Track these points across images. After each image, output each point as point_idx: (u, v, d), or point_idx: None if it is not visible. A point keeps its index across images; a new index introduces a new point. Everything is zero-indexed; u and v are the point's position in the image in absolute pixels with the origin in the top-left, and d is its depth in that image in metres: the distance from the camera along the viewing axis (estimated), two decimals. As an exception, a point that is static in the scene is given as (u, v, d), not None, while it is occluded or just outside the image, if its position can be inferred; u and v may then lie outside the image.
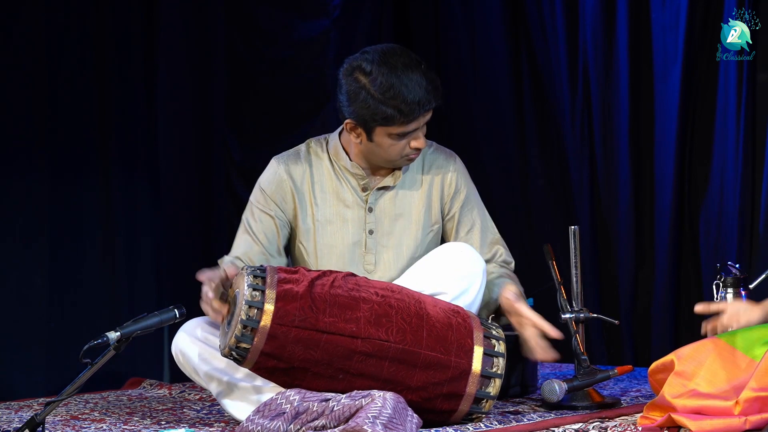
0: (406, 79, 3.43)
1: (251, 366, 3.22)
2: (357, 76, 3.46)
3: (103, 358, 3.10)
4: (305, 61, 5.05)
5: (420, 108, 3.44)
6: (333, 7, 5.08)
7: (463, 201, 3.69)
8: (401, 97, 3.41)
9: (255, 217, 3.62)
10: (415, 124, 3.47)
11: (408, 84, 3.42)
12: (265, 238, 3.60)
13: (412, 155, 3.55)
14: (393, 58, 3.46)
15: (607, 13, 4.76)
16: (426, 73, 3.46)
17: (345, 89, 3.48)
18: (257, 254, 3.57)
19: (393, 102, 3.42)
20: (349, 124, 3.51)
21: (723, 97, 4.51)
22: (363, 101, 3.44)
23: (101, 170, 4.61)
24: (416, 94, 3.42)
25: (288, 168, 3.63)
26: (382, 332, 3.22)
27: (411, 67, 3.45)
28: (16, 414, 3.77)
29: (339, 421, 3.05)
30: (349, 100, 3.47)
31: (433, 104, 3.47)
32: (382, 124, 3.45)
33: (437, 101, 3.48)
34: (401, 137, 3.49)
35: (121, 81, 4.64)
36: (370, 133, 3.49)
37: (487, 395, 3.30)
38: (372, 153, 3.55)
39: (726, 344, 3.08)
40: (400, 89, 3.42)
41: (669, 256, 4.66)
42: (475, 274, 3.48)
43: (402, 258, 3.62)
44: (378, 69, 3.44)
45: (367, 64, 3.45)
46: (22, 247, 4.42)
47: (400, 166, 3.60)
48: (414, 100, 3.42)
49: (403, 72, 3.43)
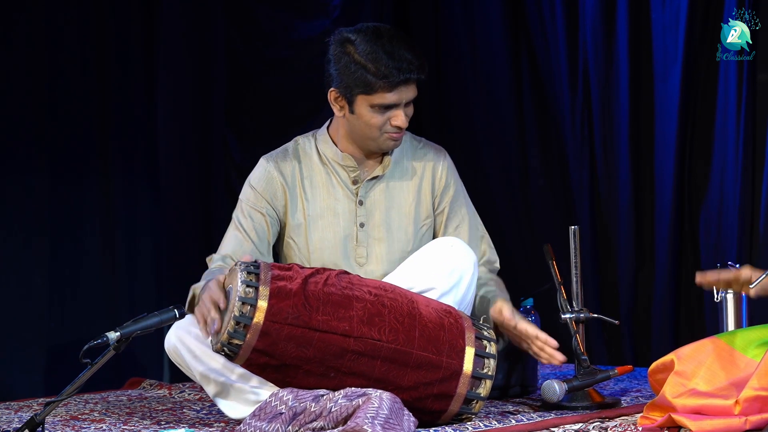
0: (390, 47, 3.45)
1: (243, 362, 3.22)
2: (344, 43, 3.50)
3: (103, 358, 3.10)
4: (305, 61, 5.04)
5: (400, 73, 3.44)
6: (333, 7, 5.09)
7: (453, 196, 3.70)
8: (383, 62, 3.43)
9: (245, 214, 3.62)
10: (395, 95, 3.48)
11: (391, 51, 3.45)
12: (255, 235, 3.60)
13: (394, 134, 3.54)
14: (381, 30, 3.51)
15: (607, 13, 4.76)
16: (412, 47, 3.49)
17: (331, 56, 3.52)
18: (247, 251, 3.57)
19: (374, 66, 3.44)
20: (332, 93, 3.53)
21: (723, 97, 4.51)
22: (345, 66, 3.47)
23: (101, 170, 4.61)
24: (398, 59, 3.44)
25: (277, 165, 3.64)
26: (375, 331, 3.22)
27: (397, 38, 3.48)
28: (16, 414, 3.77)
29: (337, 422, 3.05)
30: (333, 68, 3.50)
31: (414, 75, 3.47)
32: (363, 92, 3.46)
33: (421, 74, 3.48)
34: (382, 110, 3.49)
35: (121, 81, 4.64)
36: (351, 103, 3.50)
37: (478, 396, 3.30)
38: (355, 130, 3.55)
39: (725, 344, 3.08)
40: (381, 55, 3.44)
41: (669, 256, 4.66)
42: (466, 269, 3.49)
43: (394, 251, 3.63)
44: (363, 37, 3.48)
45: (353, 33, 3.50)
46: (22, 247, 4.42)
47: (384, 149, 3.59)
48: (396, 66, 3.43)
49: (388, 41, 3.46)
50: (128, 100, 4.67)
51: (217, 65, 4.95)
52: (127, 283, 4.65)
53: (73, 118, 4.53)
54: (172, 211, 4.80)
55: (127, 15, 4.66)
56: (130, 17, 4.68)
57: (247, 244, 3.59)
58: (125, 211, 4.65)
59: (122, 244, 4.63)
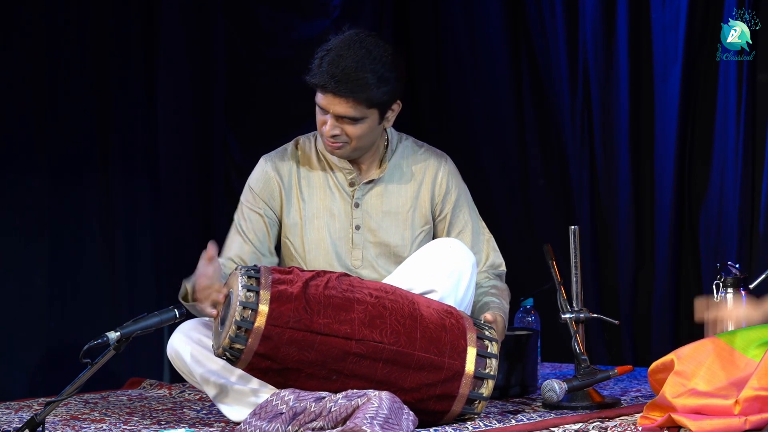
0: (347, 53, 3.44)
1: (244, 366, 3.22)
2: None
3: (103, 358, 3.10)
4: (305, 61, 5.03)
5: (330, 79, 3.43)
6: (333, 7, 5.08)
7: (455, 202, 3.69)
8: (327, 60, 3.44)
9: (245, 216, 3.63)
10: (323, 99, 3.48)
11: (345, 56, 3.44)
12: (255, 237, 3.60)
13: (327, 141, 3.53)
14: (358, 36, 3.48)
15: (607, 13, 4.76)
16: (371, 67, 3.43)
17: None
18: (248, 254, 3.58)
19: (321, 60, 3.46)
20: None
21: (723, 97, 4.51)
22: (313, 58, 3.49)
23: (101, 170, 4.61)
24: (340, 69, 3.42)
25: (275, 165, 3.64)
26: (376, 334, 3.22)
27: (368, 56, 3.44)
28: (16, 414, 3.77)
29: (336, 422, 3.05)
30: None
31: (344, 91, 3.43)
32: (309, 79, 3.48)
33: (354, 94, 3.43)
34: (320, 110, 3.50)
35: (121, 81, 4.64)
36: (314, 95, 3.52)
37: (480, 396, 3.30)
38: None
39: (725, 344, 3.08)
40: (334, 56, 3.44)
41: (669, 256, 4.66)
42: (464, 269, 3.48)
43: (389, 255, 3.63)
44: (346, 37, 3.49)
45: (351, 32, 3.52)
46: (22, 247, 4.42)
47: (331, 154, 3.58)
48: (332, 71, 3.43)
49: (351, 46, 3.45)
50: (128, 100, 4.67)
51: (217, 65, 4.95)
52: (127, 283, 4.65)
53: (73, 117, 4.53)
54: (172, 211, 4.80)
55: (127, 15, 4.66)
56: (130, 17, 4.68)
57: (247, 246, 3.59)
58: (125, 211, 4.65)
59: (122, 244, 4.63)
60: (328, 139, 3.52)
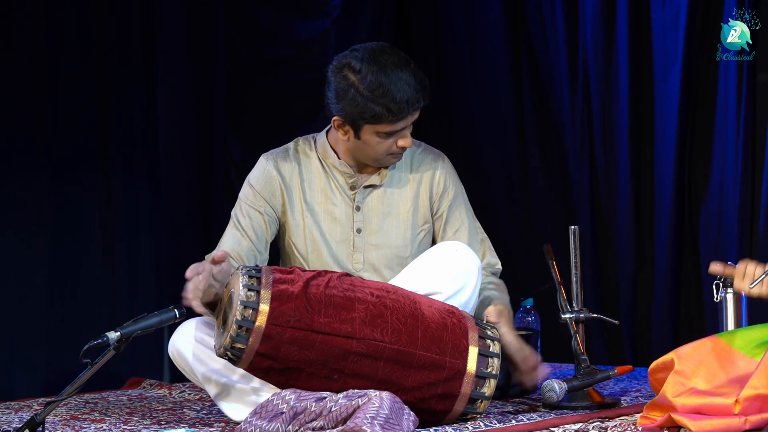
0: (395, 78, 3.43)
1: (246, 366, 3.22)
2: (346, 73, 3.47)
3: (103, 358, 3.10)
4: (305, 61, 5.05)
5: (409, 107, 3.45)
6: (333, 7, 5.08)
7: (452, 201, 3.70)
8: (390, 96, 3.42)
9: (244, 213, 3.63)
10: (402, 123, 3.48)
11: (397, 83, 3.43)
12: (253, 233, 3.61)
13: (398, 154, 3.56)
14: (382, 57, 3.46)
15: (607, 13, 4.76)
16: (415, 72, 3.47)
17: (333, 86, 3.49)
18: (245, 249, 3.58)
19: (382, 100, 3.42)
20: (336, 121, 3.52)
21: (723, 97, 4.51)
22: (352, 99, 3.45)
23: (101, 170, 4.61)
24: (405, 92, 3.43)
25: (277, 164, 3.64)
26: (377, 333, 3.22)
27: (400, 66, 3.46)
28: (16, 414, 3.77)
29: (337, 422, 3.05)
30: (338, 98, 3.47)
31: (421, 103, 3.49)
32: (370, 122, 3.46)
33: (425, 100, 3.50)
34: (389, 136, 3.50)
35: (121, 81, 4.64)
36: (357, 131, 3.50)
37: (482, 395, 3.30)
38: (359, 150, 3.56)
39: (725, 344, 3.08)
40: (389, 87, 3.42)
41: (669, 256, 4.66)
42: (470, 273, 3.49)
43: (390, 257, 3.63)
44: (367, 67, 3.44)
45: (356, 62, 3.46)
46: (22, 246, 4.42)
47: (385, 165, 3.61)
48: (403, 99, 3.43)
49: (392, 70, 3.44)
50: (128, 100, 4.67)
51: (217, 65, 4.95)
52: (127, 283, 4.65)
53: (73, 117, 4.53)
54: (172, 211, 4.80)
55: (127, 15, 4.66)
56: (131, 17, 4.68)
57: (245, 242, 3.59)
58: (125, 211, 4.65)
59: (122, 244, 4.63)
60: (401, 151, 3.55)
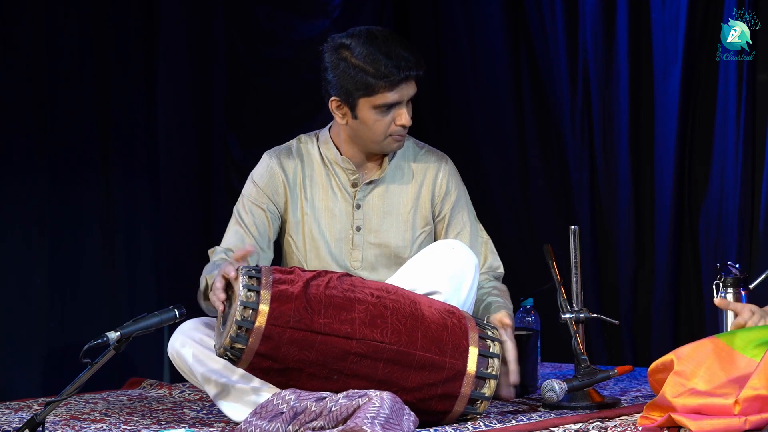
0: (386, 47, 3.47)
1: (246, 366, 3.22)
2: (339, 50, 3.51)
3: (103, 358, 3.10)
4: (305, 62, 5.04)
5: (399, 71, 3.46)
6: (333, 7, 5.09)
7: (454, 203, 3.70)
8: (381, 61, 3.45)
9: (247, 209, 3.63)
10: (396, 93, 3.49)
11: (387, 51, 3.46)
12: (256, 230, 3.61)
13: (398, 135, 3.55)
14: (374, 32, 3.52)
15: (607, 13, 4.76)
16: (408, 46, 3.51)
17: (327, 64, 3.53)
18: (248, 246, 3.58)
19: (373, 66, 3.45)
20: (334, 102, 3.54)
21: (723, 97, 4.51)
22: (344, 71, 3.47)
23: (101, 170, 4.61)
24: (397, 58, 3.46)
25: (280, 161, 3.65)
26: (377, 333, 3.22)
27: (391, 38, 3.50)
28: (16, 414, 3.77)
29: (337, 422, 3.05)
30: (331, 73, 3.50)
31: (413, 71, 3.49)
32: (365, 94, 3.47)
33: (419, 70, 3.50)
34: (385, 111, 3.49)
35: (121, 81, 4.65)
36: (354, 108, 3.50)
37: (482, 396, 3.30)
38: (358, 135, 3.56)
39: (725, 344, 3.08)
40: (378, 55, 3.45)
41: (669, 256, 4.66)
42: (467, 271, 3.48)
43: (389, 256, 3.64)
44: (358, 40, 3.49)
45: (348, 38, 3.51)
46: (22, 246, 4.42)
47: (387, 151, 3.60)
48: (395, 64, 3.45)
49: (383, 42, 3.48)
50: (128, 100, 4.68)
51: (217, 65, 4.95)
52: (127, 283, 4.65)
53: (73, 118, 4.53)
54: (172, 210, 4.81)
55: (127, 15, 4.67)
56: (130, 17, 4.68)
57: (248, 239, 3.60)
58: (125, 210, 4.65)
59: (122, 243, 4.63)
60: (401, 132, 3.54)
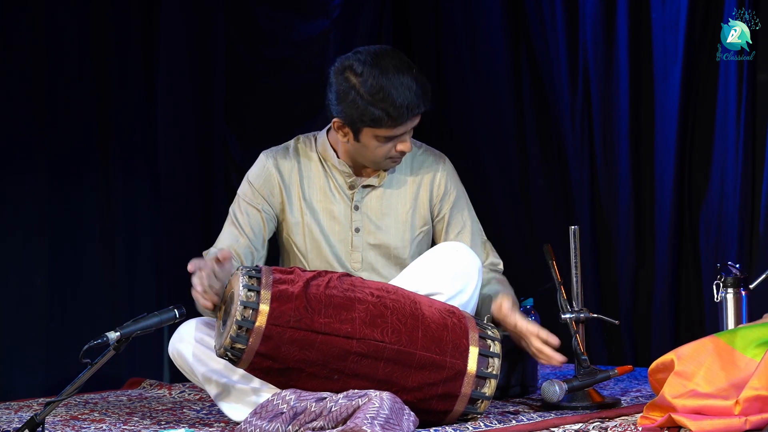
0: (397, 82, 3.43)
1: (246, 366, 3.22)
2: (347, 75, 3.46)
3: (103, 358, 3.10)
4: (305, 62, 5.05)
5: (408, 112, 3.45)
6: (333, 7, 5.09)
7: (453, 202, 3.70)
8: (390, 100, 3.42)
9: (242, 210, 3.63)
10: (402, 128, 3.48)
11: (398, 87, 3.42)
12: (251, 231, 3.61)
13: (397, 158, 3.56)
14: (384, 60, 3.46)
15: (607, 13, 4.76)
16: (417, 77, 3.46)
17: (335, 88, 3.49)
18: (243, 247, 3.58)
19: (382, 104, 3.42)
20: (336, 122, 3.52)
21: (723, 97, 4.51)
22: (352, 101, 3.45)
23: (101, 170, 4.62)
24: (405, 97, 3.42)
25: (276, 162, 3.64)
26: (377, 333, 3.22)
27: (402, 71, 3.45)
28: (16, 414, 3.77)
29: (337, 422, 3.05)
30: (338, 99, 3.47)
31: (421, 109, 3.48)
32: (370, 126, 3.46)
33: (426, 106, 3.49)
34: (388, 140, 3.49)
35: (121, 81, 4.65)
36: (357, 133, 3.50)
37: (483, 396, 3.30)
38: (358, 153, 3.56)
39: (725, 344, 3.08)
40: (389, 92, 3.42)
41: (669, 256, 4.66)
42: (470, 274, 3.48)
43: (388, 257, 3.64)
44: (369, 70, 3.44)
45: (358, 64, 3.45)
46: (22, 246, 4.42)
47: (384, 168, 3.61)
48: (403, 103, 3.42)
49: (393, 75, 3.43)
50: (128, 100, 4.68)
51: (217, 65, 4.95)
52: (127, 283, 4.65)
53: (73, 118, 4.54)
54: (172, 211, 4.81)
55: (127, 15, 4.67)
56: (130, 18, 4.68)
57: (242, 239, 3.60)
58: (125, 210, 4.66)
59: (122, 244, 4.63)
60: (399, 157, 3.55)
